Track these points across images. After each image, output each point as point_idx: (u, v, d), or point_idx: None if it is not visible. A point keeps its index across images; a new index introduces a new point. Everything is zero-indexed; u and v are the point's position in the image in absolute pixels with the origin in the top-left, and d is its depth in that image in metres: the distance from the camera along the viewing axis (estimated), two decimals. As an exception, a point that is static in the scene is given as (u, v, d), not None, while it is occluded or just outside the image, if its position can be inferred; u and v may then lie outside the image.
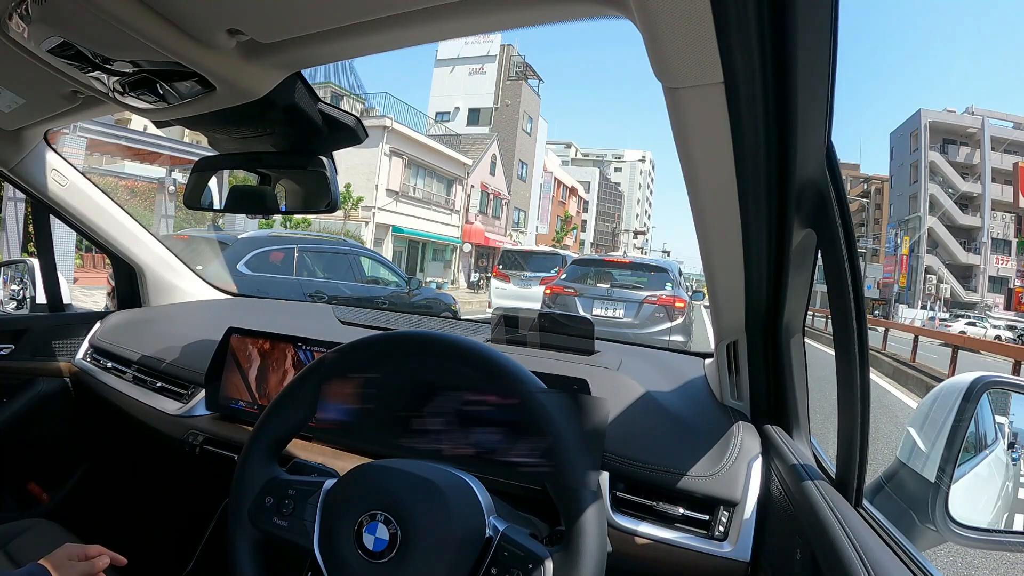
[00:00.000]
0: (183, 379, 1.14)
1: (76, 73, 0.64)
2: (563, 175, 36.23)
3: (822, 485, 0.58)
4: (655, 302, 5.66)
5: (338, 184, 0.78)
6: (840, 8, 0.38)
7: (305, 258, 4.92)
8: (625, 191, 58.68)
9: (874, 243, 39.78)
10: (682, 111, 0.45)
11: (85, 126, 8.61)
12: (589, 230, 46.11)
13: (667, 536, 0.73)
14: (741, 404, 0.85)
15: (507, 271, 9.57)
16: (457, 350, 0.63)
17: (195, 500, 1.26)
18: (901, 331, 12.43)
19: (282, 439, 0.67)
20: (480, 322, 1.37)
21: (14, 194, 7.94)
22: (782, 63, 0.41)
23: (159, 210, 10.83)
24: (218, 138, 0.81)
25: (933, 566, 0.51)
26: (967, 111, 35.62)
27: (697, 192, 0.55)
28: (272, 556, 0.63)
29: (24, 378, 1.36)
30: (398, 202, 18.89)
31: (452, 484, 0.57)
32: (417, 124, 21.38)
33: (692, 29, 0.37)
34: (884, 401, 6.14)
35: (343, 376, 0.70)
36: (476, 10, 0.49)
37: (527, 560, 0.53)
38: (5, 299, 1.56)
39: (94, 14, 0.50)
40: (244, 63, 0.60)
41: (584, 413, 0.60)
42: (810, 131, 0.47)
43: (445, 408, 0.72)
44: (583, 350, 1.05)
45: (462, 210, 22.88)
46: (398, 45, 0.57)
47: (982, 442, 0.81)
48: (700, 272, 1.14)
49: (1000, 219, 34.08)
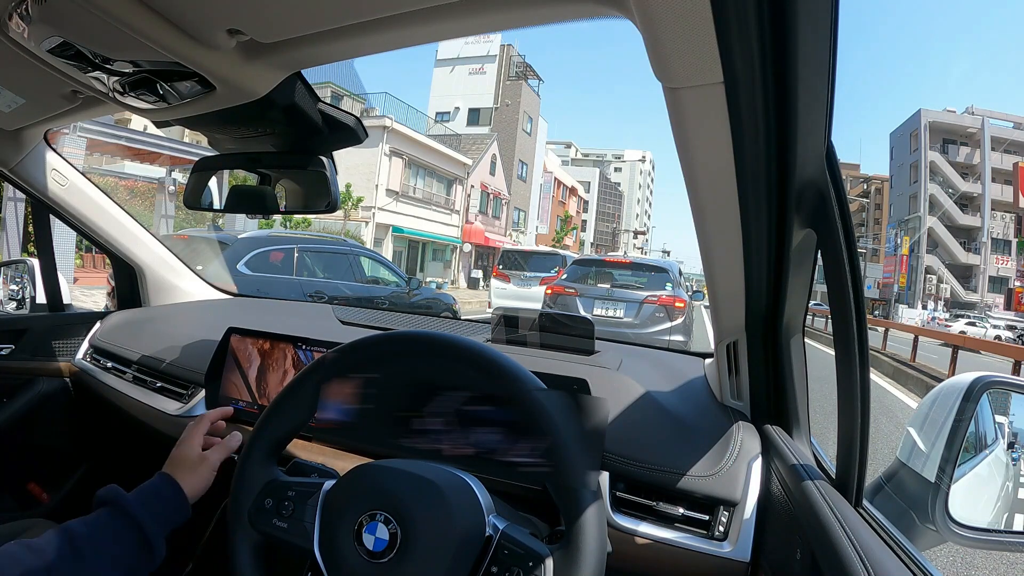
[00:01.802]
0: (183, 379, 1.14)
1: (76, 73, 0.64)
2: (563, 175, 36.24)
3: (822, 485, 0.58)
4: (655, 302, 5.67)
5: (338, 184, 0.78)
6: (840, 8, 0.38)
7: (305, 258, 4.93)
8: (625, 191, 58.70)
9: (874, 243, 39.81)
10: (682, 111, 0.45)
11: (85, 126, 8.62)
12: (589, 230, 46.14)
13: (667, 536, 0.73)
14: (741, 404, 0.85)
15: (507, 271, 9.57)
16: (457, 350, 0.63)
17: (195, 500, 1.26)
18: (901, 331, 12.43)
19: (282, 440, 0.67)
20: (480, 322, 1.37)
21: (14, 194, 7.95)
22: (782, 63, 0.41)
23: (159, 210, 10.84)
24: (218, 138, 0.81)
25: (933, 566, 0.51)
26: (967, 111, 35.63)
27: (697, 192, 0.55)
28: (272, 557, 0.63)
29: (24, 378, 1.36)
30: (398, 202, 18.90)
31: (452, 483, 0.57)
32: (417, 124, 21.40)
33: (692, 29, 0.37)
34: (884, 401, 6.14)
35: (343, 376, 0.70)
36: (476, 10, 0.49)
37: (527, 558, 0.53)
38: (5, 299, 1.56)
39: (94, 14, 0.50)
40: (244, 63, 0.60)
41: (584, 413, 0.60)
42: (810, 131, 0.47)
43: (445, 408, 0.72)
44: (583, 350, 1.05)
45: (462, 210, 22.89)
46: (398, 45, 0.57)
47: (982, 442, 0.81)
48: (700, 272, 1.14)
49: (1000, 219, 34.09)
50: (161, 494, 0.70)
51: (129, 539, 0.63)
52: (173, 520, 0.69)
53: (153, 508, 0.67)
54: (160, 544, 0.65)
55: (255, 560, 0.62)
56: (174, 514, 0.69)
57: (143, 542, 0.64)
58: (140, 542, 0.64)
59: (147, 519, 0.65)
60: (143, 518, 0.64)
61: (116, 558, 0.62)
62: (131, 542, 0.63)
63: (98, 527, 0.62)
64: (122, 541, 0.63)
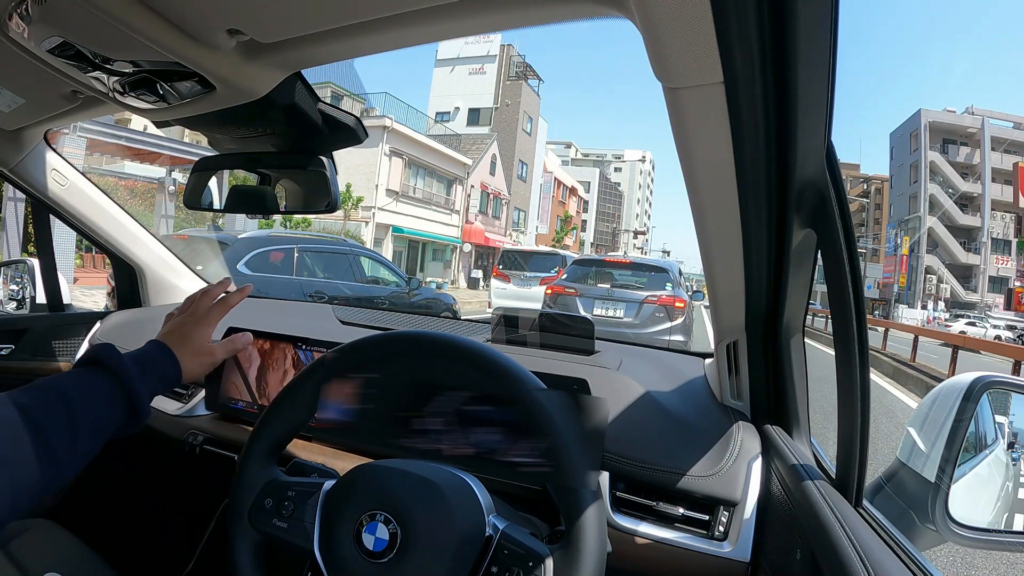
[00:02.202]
0: None
1: (76, 73, 0.64)
2: (563, 175, 36.25)
3: (822, 485, 0.58)
4: (655, 302, 5.67)
5: (338, 184, 0.77)
6: (840, 8, 0.38)
7: (305, 258, 4.93)
8: (625, 191, 58.72)
9: (874, 243, 39.82)
10: (682, 111, 0.45)
11: (85, 126, 8.62)
12: (589, 230, 46.15)
13: (667, 536, 0.73)
14: (741, 404, 0.85)
15: (507, 271, 9.58)
16: (457, 350, 0.63)
17: (195, 500, 1.26)
18: (901, 331, 12.43)
19: (282, 440, 0.67)
20: (480, 322, 1.37)
21: (14, 194, 7.95)
22: (782, 63, 0.41)
23: (159, 210, 10.84)
24: (218, 138, 0.81)
25: (933, 566, 0.51)
26: (967, 111, 35.64)
27: (697, 192, 0.55)
28: (272, 557, 0.63)
29: (24, 378, 1.35)
30: (398, 202, 18.91)
31: (452, 483, 0.57)
32: (417, 124, 21.41)
33: (692, 29, 0.37)
34: (884, 401, 6.15)
35: (343, 376, 0.70)
36: (476, 10, 0.49)
37: (527, 558, 0.53)
38: (5, 299, 1.56)
39: (94, 14, 0.50)
40: (244, 63, 0.60)
41: (584, 413, 0.60)
42: (810, 131, 0.47)
43: (445, 408, 0.72)
44: (583, 350, 1.05)
45: (462, 210, 22.89)
46: (398, 45, 0.57)
47: (982, 442, 0.81)
48: (700, 272, 1.14)
49: (1000, 219, 34.10)
50: (157, 364, 0.68)
51: (122, 405, 0.62)
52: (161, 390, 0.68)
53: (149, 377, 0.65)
54: (148, 409, 0.64)
55: (255, 560, 0.62)
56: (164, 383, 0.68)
57: (133, 407, 0.63)
58: (130, 407, 0.62)
59: (141, 388, 0.63)
60: (139, 388, 0.63)
61: (107, 419, 0.60)
62: (123, 408, 0.62)
63: (92, 392, 0.60)
64: (115, 406, 0.61)
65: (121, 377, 0.62)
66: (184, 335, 0.73)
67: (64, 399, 0.57)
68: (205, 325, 0.74)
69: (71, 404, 0.57)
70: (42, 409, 0.55)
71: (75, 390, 0.59)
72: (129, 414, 0.62)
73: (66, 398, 0.57)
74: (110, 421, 0.61)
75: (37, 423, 0.54)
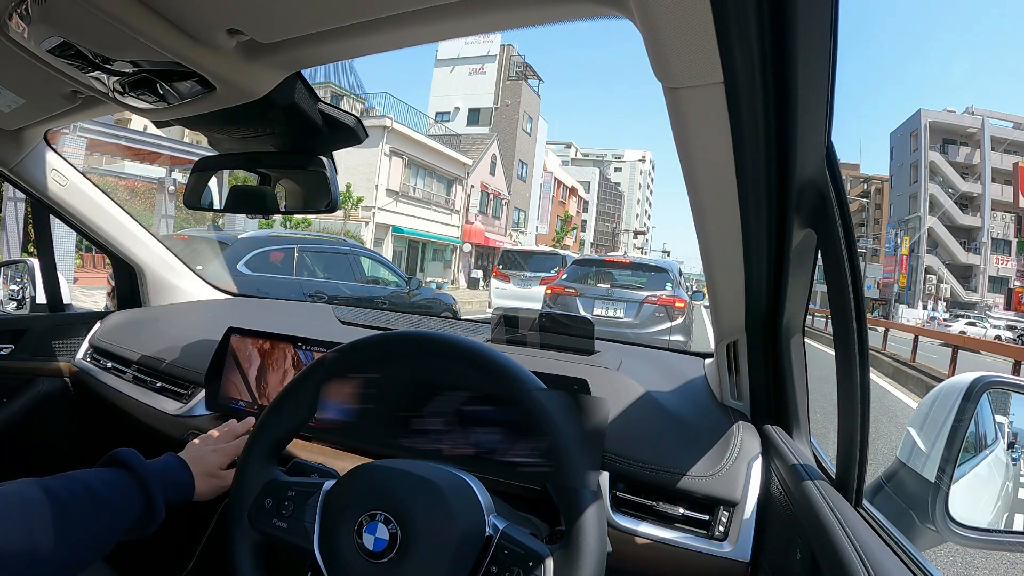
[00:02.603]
0: (183, 379, 1.14)
1: (76, 73, 0.64)
2: (563, 175, 36.24)
3: (822, 485, 0.58)
4: (655, 302, 5.67)
5: (338, 184, 0.77)
6: (840, 8, 0.38)
7: (305, 258, 4.93)
8: (625, 191, 58.71)
9: (874, 243, 39.82)
10: (682, 111, 0.45)
11: (85, 126, 8.62)
12: (589, 230, 46.14)
13: (667, 536, 0.73)
14: (741, 404, 0.85)
15: (507, 271, 9.58)
16: (457, 350, 0.63)
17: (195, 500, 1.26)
18: (901, 331, 12.43)
19: (282, 440, 0.67)
20: (480, 322, 1.37)
21: (14, 194, 7.95)
22: (782, 63, 0.41)
23: (159, 210, 10.84)
24: (218, 138, 0.81)
25: (933, 566, 0.51)
26: (967, 111, 35.64)
27: (697, 192, 0.55)
28: (272, 557, 0.63)
29: (24, 378, 1.36)
30: (398, 202, 18.90)
31: (452, 483, 0.57)
32: (417, 124, 21.40)
33: (692, 29, 0.37)
34: (884, 401, 6.14)
35: (343, 376, 0.70)
36: (476, 10, 0.49)
37: (527, 558, 0.53)
38: (5, 299, 1.56)
39: (94, 14, 0.50)
40: (244, 63, 0.60)
41: (584, 413, 0.60)
42: (810, 131, 0.47)
43: (445, 408, 0.72)
44: (583, 350, 1.05)
45: (462, 210, 22.89)
46: (398, 45, 0.57)
47: (982, 442, 0.81)
48: (700, 272, 1.15)
49: (1000, 219, 34.10)
50: (173, 472, 0.74)
51: (138, 502, 0.66)
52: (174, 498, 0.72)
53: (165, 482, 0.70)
54: (162, 512, 0.68)
55: (255, 560, 0.62)
56: (178, 493, 0.73)
57: (149, 506, 0.66)
58: (147, 505, 0.66)
59: (157, 489, 0.68)
60: (156, 489, 0.67)
61: (125, 512, 0.64)
62: (140, 505, 0.66)
63: (114, 484, 0.64)
64: (132, 501, 0.65)
65: (141, 476, 0.67)
66: (201, 458, 0.79)
67: (89, 490, 0.61)
68: (222, 455, 0.81)
69: (94, 491, 0.62)
70: (67, 493, 0.59)
71: (99, 482, 0.63)
72: (145, 511, 0.66)
73: (91, 488, 0.62)
74: (128, 514, 0.64)
75: (61, 503, 0.58)
